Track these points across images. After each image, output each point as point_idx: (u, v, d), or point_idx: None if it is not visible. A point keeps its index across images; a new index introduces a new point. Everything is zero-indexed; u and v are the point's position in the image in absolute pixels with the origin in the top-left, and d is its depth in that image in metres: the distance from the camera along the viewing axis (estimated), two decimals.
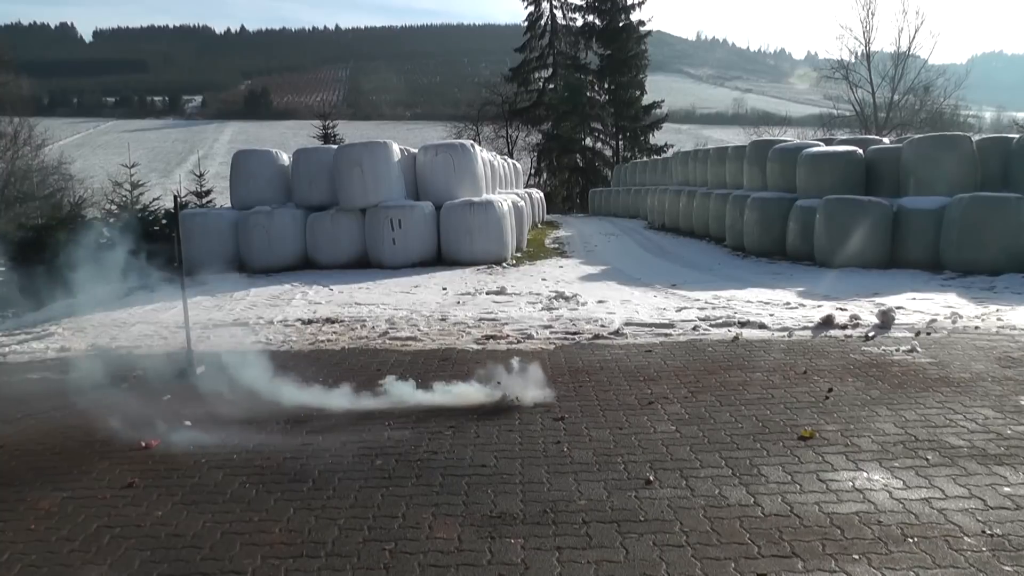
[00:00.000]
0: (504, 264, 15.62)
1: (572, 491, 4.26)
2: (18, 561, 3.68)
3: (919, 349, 7.39)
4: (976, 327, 8.44)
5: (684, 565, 3.42)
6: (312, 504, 4.20)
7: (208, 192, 26.09)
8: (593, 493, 4.23)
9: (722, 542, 3.63)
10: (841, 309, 9.46)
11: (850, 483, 4.27)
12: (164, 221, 18.09)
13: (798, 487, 4.23)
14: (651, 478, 4.40)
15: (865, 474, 4.39)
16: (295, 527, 3.93)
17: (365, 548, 3.69)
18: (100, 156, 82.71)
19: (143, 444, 5.27)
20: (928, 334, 8.14)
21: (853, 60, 53.08)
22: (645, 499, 4.13)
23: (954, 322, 8.67)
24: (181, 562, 3.62)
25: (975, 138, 14.55)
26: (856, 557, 3.45)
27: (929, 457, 4.61)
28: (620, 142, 58.62)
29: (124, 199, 20.78)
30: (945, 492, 4.10)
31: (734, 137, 62.43)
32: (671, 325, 8.90)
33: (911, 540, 3.59)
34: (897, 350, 7.42)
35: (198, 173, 27.02)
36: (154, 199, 20.66)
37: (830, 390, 6.12)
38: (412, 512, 4.06)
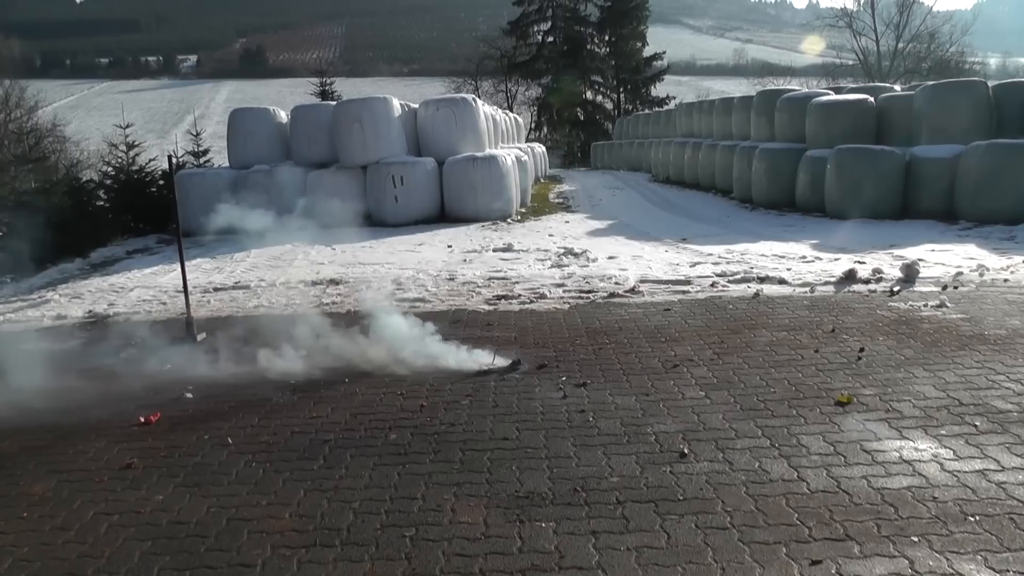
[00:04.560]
0: (509, 220, 15.32)
1: (602, 466, 3.99)
2: (9, 554, 3.42)
3: (948, 304, 7.10)
4: (1005, 280, 8.15)
5: (732, 551, 3.15)
6: (324, 485, 3.93)
7: (206, 152, 25.64)
8: (625, 468, 3.95)
9: (769, 523, 3.35)
10: (860, 262, 9.18)
11: (896, 454, 3.99)
12: (161, 182, 17.75)
13: (842, 459, 3.95)
14: (685, 451, 4.12)
15: (911, 443, 4.11)
16: (306, 512, 3.66)
17: (384, 535, 3.41)
18: (95, 118, 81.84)
19: (142, 420, 5.01)
20: (956, 288, 7.86)
21: (856, 7, 52.29)
22: (681, 475, 3.85)
23: (981, 275, 8.38)
24: (184, 553, 3.35)
25: (991, 84, 14.13)
26: (915, 540, 3.18)
27: (977, 423, 4.33)
28: (621, 95, 57.97)
29: (120, 160, 20.34)
30: (1001, 463, 3.82)
31: (736, 88, 61.70)
32: (688, 282, 8.61)
33: (972, 519, 3.31)
34: (925, 305, 7.13)
35: (195, 133, 26.56)
36: (150, 160, 20.25)
37: (862, 350, 5.84)
38: (432, 492, 3.79)
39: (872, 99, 15.07)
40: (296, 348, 6.36)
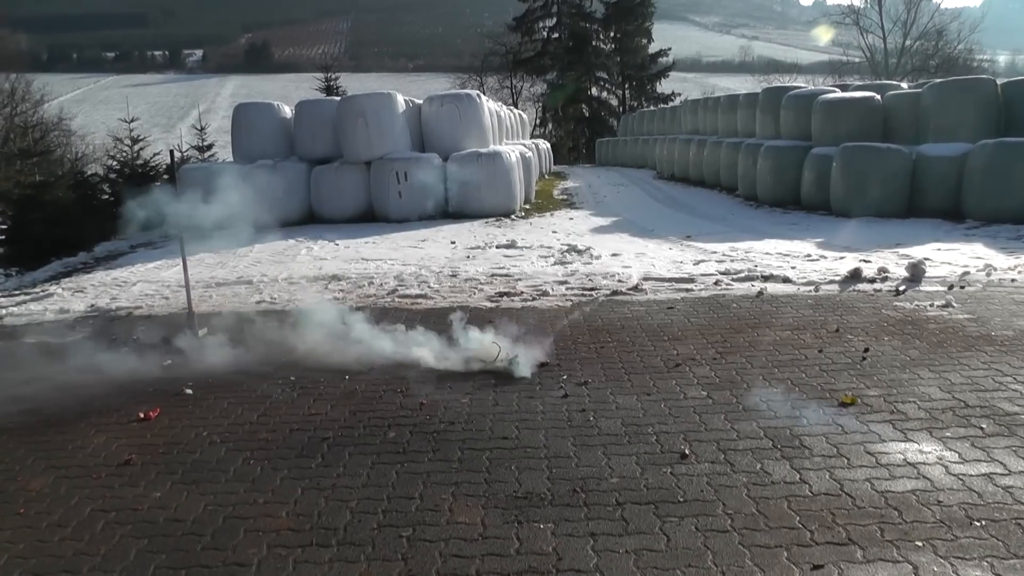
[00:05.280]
0: (513, 216, 15.27)
1: (602, 467, 3.95)
2: (5, 551, 3.39)
3: (954, 304, 7.04)
4: (1012, 280, 8.08)
5: (732, 555, 3.11)
6: (321, 483, 3.90)
7: (210, 146, 25.66)
8: (625, 469, 3.91)
9: (770, 527, 3.31)
10: (865, 261, 9.12)
11: (901, 456, 3.94)
12: (166, 176, 17.75)
13: (845, 461, 3.90)
14: (686, 451, 4.08)
15: (916, 446, 4.06)
16: (303, 510, 3.63)
17: (380, 535, 3.38)
18: (101, 111, 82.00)
19: (141, 415, 4.98)
20: (962, 287, 7.79)
21: (864, 4, 52.19)
22: (682, 476, 3.81)
23: (988, 275, 8.32)
24: (181, 552, 3.32)
25: (1000, 81, 14.03)
26: (919, 544, 3.13)
27: (984, 426, 4.28)
28: (626, 91, 57.86)
29: (125, 155, 20.36)
30: (1007, 466, 3.78)
31: (741, 85, 61.65)
32: (691, 280, 8.56)
33: (978, 524, 3.27)
34: (931, 305, 7.08)
35: (200, 127, 26.59)
36: (155, 154, 20.25)
37: (866, 350, 5.78)
38: (430, 492, 3.76)
39: (879, 97, 14.97)
40: (296, 344, 6.34)
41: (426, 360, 5.80)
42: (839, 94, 15.70)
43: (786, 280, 8.41)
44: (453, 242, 12.13)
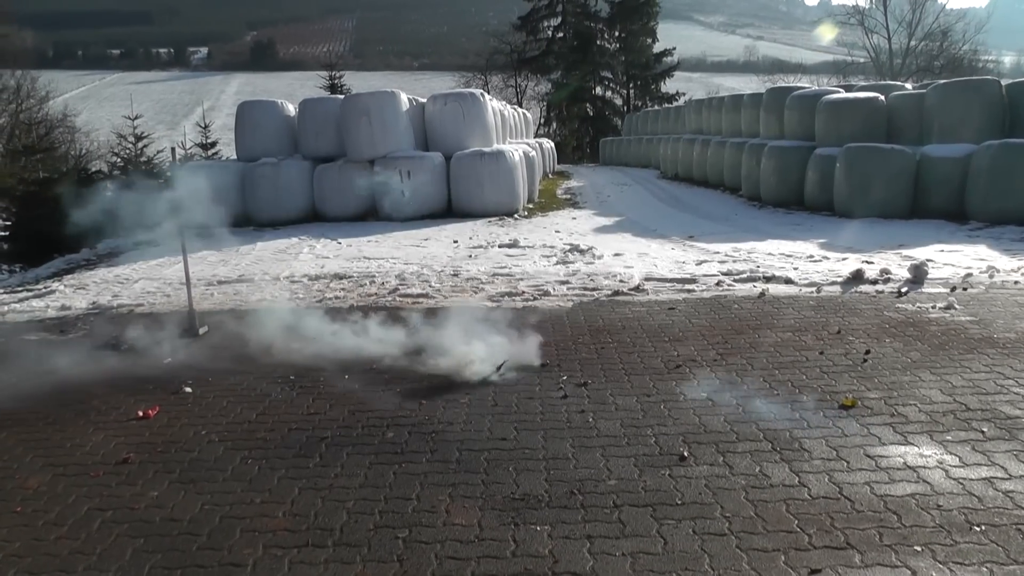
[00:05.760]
0: (516, 215, 15.25)
1: (600, 468, 3.93)
2: (0, 549, 3.38)
3: (957, 306, 7.01)
4: (1016, 282, 8.04)
5: (729, 558, 3.09)
6: (319, 484, 3.88)
7: (214, 144, 25.71)
8: (623, 471, 3.89)
9: (768, 530, 3.29)
10: (868, 262, 9.08)
11: (901, 459, 3.92)
12: (169, 174, 17.75)
13: (845, 464, 3.88)
14: (685, 454, 4.06)
15: (916, 449, 4.04)
16: (300, 511, 3.62)
17: (376, 536, 3.37)
18: (106, 108, 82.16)
19: (140, 413, 4.97)
20: (965, 289, 7.76)
21: (869, 5, 52.09)
22: (680, 478, 3.79)
23: (991, 276, 8.28)
24: (176, 552, 3.31)
25: (1005, 82, 13.98)
26: (918, 549, 3.11)
27: (984, 429, 4.25)
28: (631, 91, 57.84)
29: (128, 152, 20.42)
30: (1008, 471, 3.75)
31: (746, 85, 61.57)
32: (693, 280, 8.54)
33: (978, 529, 3.25)
34: (934, 307, 7.05)
35: (204, 125, 26.63)
36: (159, 151, 20.30)
37: (867, 352, 5.76)
38: (427, 493, 3.74)
39: (883, 97, 14.92)
40: (297, 343, 6.33)
41: (423, 364, 5.79)
42: (843, 94, 15.66)
43: (788, 281, 8.39)
44: (455, 241, 12.11)
